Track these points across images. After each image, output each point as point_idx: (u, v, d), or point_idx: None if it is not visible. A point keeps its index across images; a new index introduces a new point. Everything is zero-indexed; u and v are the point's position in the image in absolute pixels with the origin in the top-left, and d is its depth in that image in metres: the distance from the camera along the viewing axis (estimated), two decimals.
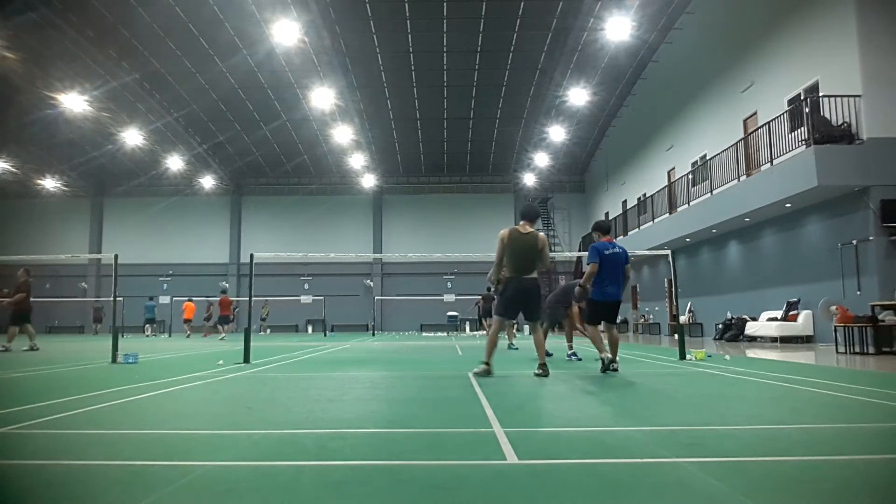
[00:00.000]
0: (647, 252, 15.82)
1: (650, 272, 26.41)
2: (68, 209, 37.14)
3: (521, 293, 6.59)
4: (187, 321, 25.33)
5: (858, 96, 12.69)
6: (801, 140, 13.46)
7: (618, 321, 7.41)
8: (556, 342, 12.36)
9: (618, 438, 3.33)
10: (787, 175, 13.46)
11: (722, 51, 18.92)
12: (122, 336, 23.49)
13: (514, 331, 13.49)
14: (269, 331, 31.30)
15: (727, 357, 9.54)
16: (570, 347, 9.78)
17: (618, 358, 7.21)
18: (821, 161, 12.39)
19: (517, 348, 12.60)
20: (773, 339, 14.82)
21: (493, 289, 6.82)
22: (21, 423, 3.82)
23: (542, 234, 6.80)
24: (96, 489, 2.42)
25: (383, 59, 24.91)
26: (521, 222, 6.81)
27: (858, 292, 12.68)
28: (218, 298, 24.08)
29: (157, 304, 29.54)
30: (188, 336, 24.52)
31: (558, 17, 21.78)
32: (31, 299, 13.01)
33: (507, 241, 6.59)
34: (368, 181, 36.34)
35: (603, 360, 6.99)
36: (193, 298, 26.56)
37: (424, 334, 29.36)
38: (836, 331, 11.32)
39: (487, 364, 6.61)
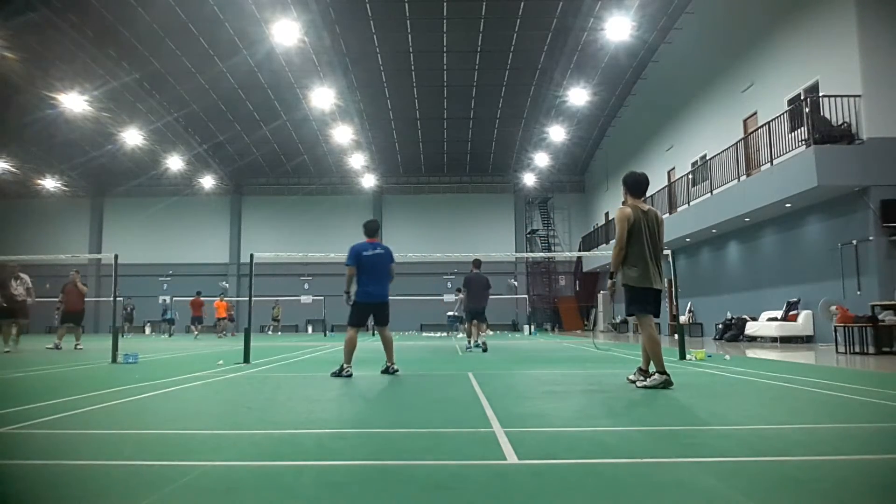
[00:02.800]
0: None
1: None
2: (68, 209, 37.12)
3: (655, 284, 5.45)
4: (220, 319, 24.84)
5: (858, 96, 12.69)
6: (801, 140, 13.46)
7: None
8: (554, 342, 12.41)
9: (618, 438, 3.33)
10: (787, 175, 13.45)
11: (722, 51, 18.92)
12: (123, 335, 23.46)
13: (483, 330, 13.21)
14: (279, 332, 31.22)
15: (727, 357, 9.54)
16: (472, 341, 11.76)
17: (394, 362, 7.38)
18: (821, 161, 12.39)
19: (479, 348, 12.39)
20: (773, 339, 14.82)
21: (611, 280, 5.55)
22: (21, 423, 3.82)
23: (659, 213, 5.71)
24: (96, 489, 2.42)
25: (383, 59, 24.90)
26: (630, 198, 5.61)
27: (858, 292, 12.67)
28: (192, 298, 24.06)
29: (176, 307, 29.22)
30: (222, 336, 23.93)
31: (558, 17, 21.78)
32: (37, 299, 13.42)
33: (633, 222, 5.40)
34: (368, 181, 36.34)
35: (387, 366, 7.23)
36: (225, 297, 26.05)
37: (424, 334, 29.35)
38: (836, 331, 11.32)
39: (665, 373, 5.37)
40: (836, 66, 13.45)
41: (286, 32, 20.98)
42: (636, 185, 5.66)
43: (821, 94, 13.67)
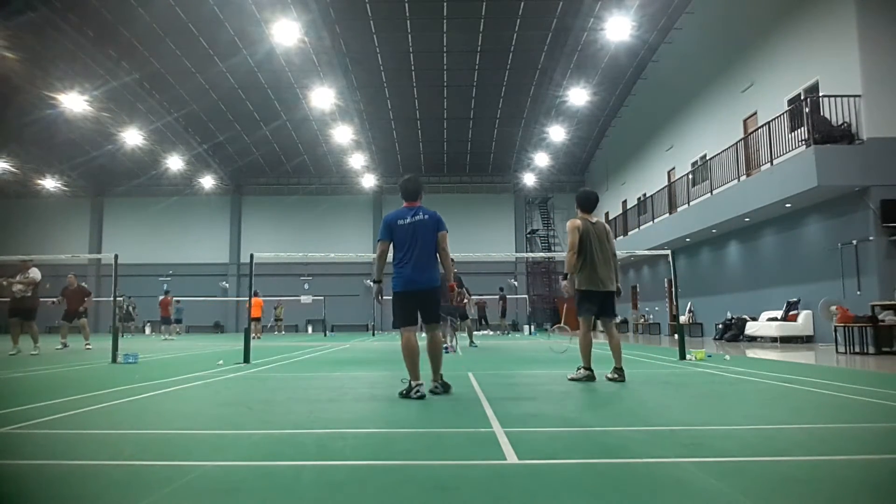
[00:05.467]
0: (647, 252, 15.83)
1: (650, 272, 26.41)
2: (68, 209, 37.12)
3: (601, 287, 6.04)
4: (256, 319, 23.06)
5: (858, 96, 12.69)
6: (801, 140, 13.46)
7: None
8: (554, 342, 12.40)
9: (618, 438, 3.33)
10: (787, 175, 13.45)
11: (722, 51, 18.92)
12: (123, 336, 23.44)
13: (460, 332, 13.19)
14: (282, 332, 31.22)
15: (727, 357, 9.54)
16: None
17: (442, 379, 5.26)
18: (821, 161, 12.39)
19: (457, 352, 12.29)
20: (773, 339, 14.81)
21: (565, 280, 6.20)
22: (21, 423, 3.82)
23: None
24: (96, 489, 2.42)
25: (383, 59, 24.90)
26: (581, 213, 6.23)
27: (858, 292, 12.67)
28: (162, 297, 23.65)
29: (184, 307, 28.70)
30: (257, 338, 22.26)
31: (558, 17, 21.77)
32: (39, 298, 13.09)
33: (583, 232, 6.03)
34: (368, 181, 36.34)
35: (411, 387, 4.97)
36: (260, 295, 24.08)
37: (425, 335, 29.37)
38: (836, 331, 11.32)
39: (590, 369, 6.06)
40: (836, 66, 13.44)
41: (286, 32, 20.97)
42: (586, 202, 6.30)
43: (821, 94, 13.67)
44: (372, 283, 5.12)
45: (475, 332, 16.45)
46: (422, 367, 5.10)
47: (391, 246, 5.20)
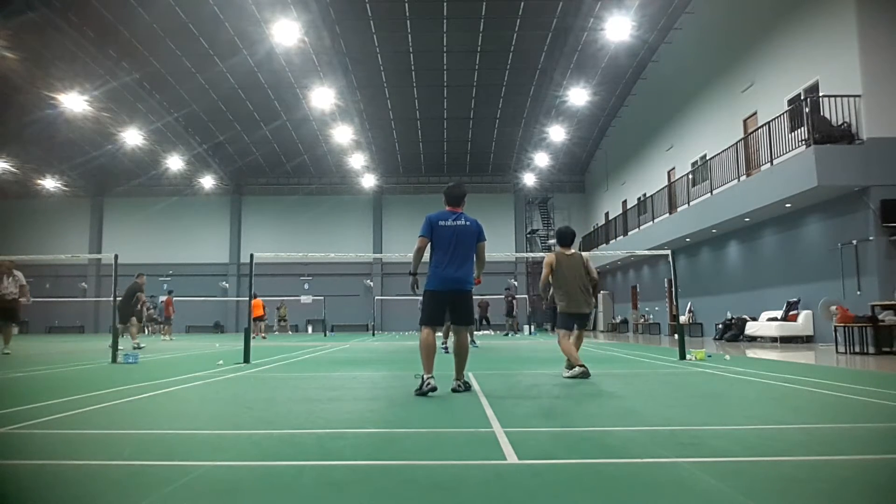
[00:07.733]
0: (647, 252, 15.83)
1: (650, 272, 26.41)
2: (68, 209, 37.11)
3: (579, 310, 6.80)
4: (259, 319, 22.78)
5: (858, 96, 12.69)
6: (801, 140, 13.46)
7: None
8: (553, 342, 12.47)
9: (618, 438, 3.33)
10: (787, 175, 13.45)
11: (722, 51, 18.92)
12: (123, 336, 23.33)
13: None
14: (289, 331, 31.20)
15: (727, 357, 9.54)
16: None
17: (465, 380, 5.48)
18: (821, 161, 12.39)
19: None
20: (773, 339, 14.82)
21: (544, 305, 7.08)
22: (21, 423, 3.82)
23: (584, 253, 7.14)
24: (96, 489, 2.42)
25: (383, 59, 24.90)
26: (558, 248, 6.98)
27: (858, 292, 12.67)
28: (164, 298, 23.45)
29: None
30: (264, 337, 22.06)
31: (558, 17, 21.78)
32: (36, 299, 12.99)
33: (556, 266, 6.82)
34: (368, 181, 36.34)
35: (425, 382, 5.05)
36: (258, 295, 23.41)
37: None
38: (836, 331, 11.32)
39: (583, 366, 6.46)
40: (836, 66, 13.44)
41: (286, 32, 20.97)
42: (562, 238, 7.13)
43: (821, 94, 13.67)
44: (411, 276, 5.49)
45: (476, 332, 16.44)
46: (439, 368, 5.38)
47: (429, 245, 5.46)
